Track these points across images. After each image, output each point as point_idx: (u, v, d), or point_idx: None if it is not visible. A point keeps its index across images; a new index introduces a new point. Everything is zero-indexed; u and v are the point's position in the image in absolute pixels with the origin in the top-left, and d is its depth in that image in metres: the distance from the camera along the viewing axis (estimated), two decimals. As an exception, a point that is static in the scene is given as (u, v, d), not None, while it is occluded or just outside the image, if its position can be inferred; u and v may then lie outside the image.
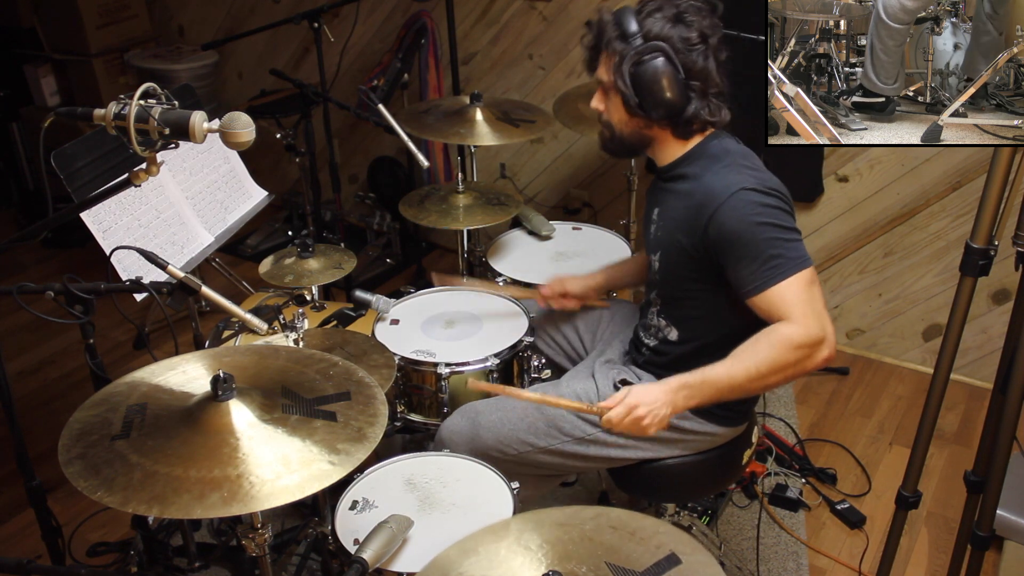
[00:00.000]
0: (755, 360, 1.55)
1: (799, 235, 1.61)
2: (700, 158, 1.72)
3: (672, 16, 1.64)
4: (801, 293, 1.55)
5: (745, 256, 1.58)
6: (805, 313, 1.54)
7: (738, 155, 1.70)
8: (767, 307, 1.58)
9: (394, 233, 3.81)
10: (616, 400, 1.60)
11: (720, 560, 2.17)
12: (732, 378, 1.57)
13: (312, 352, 1.58)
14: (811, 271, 1.58)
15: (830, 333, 1.55)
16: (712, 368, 1.58)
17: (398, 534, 1.54)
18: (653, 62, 1.63)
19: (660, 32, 1.63)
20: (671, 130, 1.73)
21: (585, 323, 2.17)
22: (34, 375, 3.22)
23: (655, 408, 1.58)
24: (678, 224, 1.72)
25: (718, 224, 1.61)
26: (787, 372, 1.55)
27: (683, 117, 1.68)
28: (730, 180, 1.62)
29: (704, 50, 1.65)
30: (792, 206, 1.65)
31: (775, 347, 1.54)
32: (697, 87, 1.66)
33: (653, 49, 1.63)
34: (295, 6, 3.91)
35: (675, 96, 1.65)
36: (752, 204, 1.59)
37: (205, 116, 1.29)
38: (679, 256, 1.73)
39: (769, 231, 1.57)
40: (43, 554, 1.95)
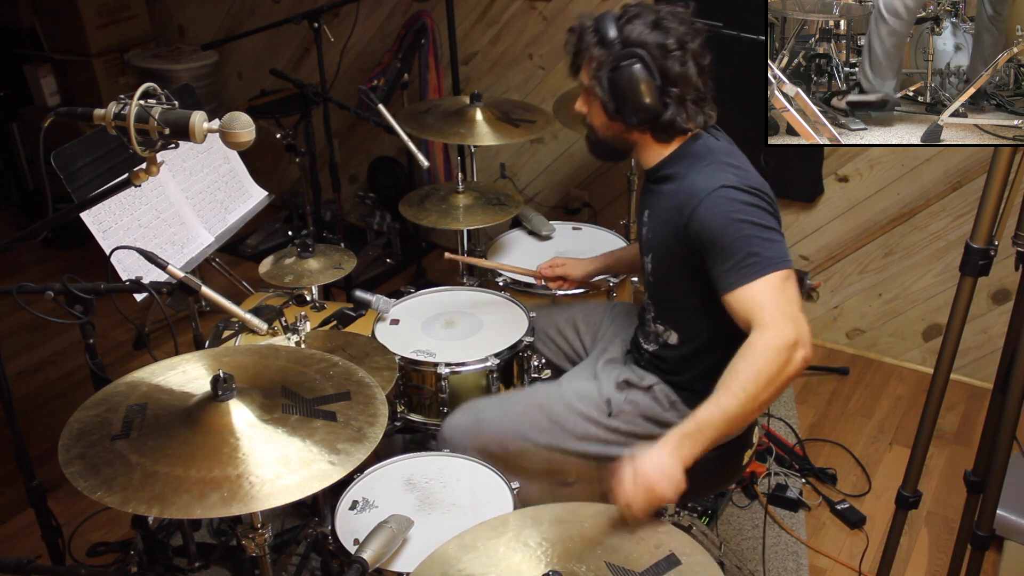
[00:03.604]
0: (740, 382, 1.48)
1: (779, 235, 1.59)
2: (684, 158, 1.73)
3: (651, 22, 1.65)
4: (774, 294, 1.52)
5: (721, 253, 1.57)
6: (775, 315, 1.50)
7: (721, 153, 1.71)
8: (739, 306, 1.55)
9: (394, 233, 3.82)
10: (630, 489, 1.43)
11: (720, 560, 2.17)
12: (726, 410, 1.48)
13: (312, 352, 1.58)
14: (787, 272, 1.54)
15: (804, 333, 1.50)
16: (703, 409, 1.50)
17: (398, 534, 1.54)
18: (630, 68, 1.64)
19: (638, 38, 1.64)
20: (651, 135, 1.74)
21: (585, 324, 2.17)
22: (34, 375, 3.22)
23: (668, 473, 1.45)
24: (665, 224, 1.73)
25: (698, 221, 1.61)
26: (775, 383, 1.49)
27: (660, 123, 1.69)
28: (712, 178, 1.62)
29: (682, 56, 1.65)
30: (775, 206, 1.64)
31: (754, 361, 1.48)
32: (674, 93, 1.66)
33: (630, 55, 1.64)
34: (295, 6, 3.91)
35: (652, 102, 1.66)
36: (731, 201, 1.58)
37: (205, 116, 1.29)
38: (669, 257, 1.74)
39: (747, 228, 1.56)
40: (43, 554, 1.95)
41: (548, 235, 2.68)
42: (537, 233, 2.68)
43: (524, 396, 1.96)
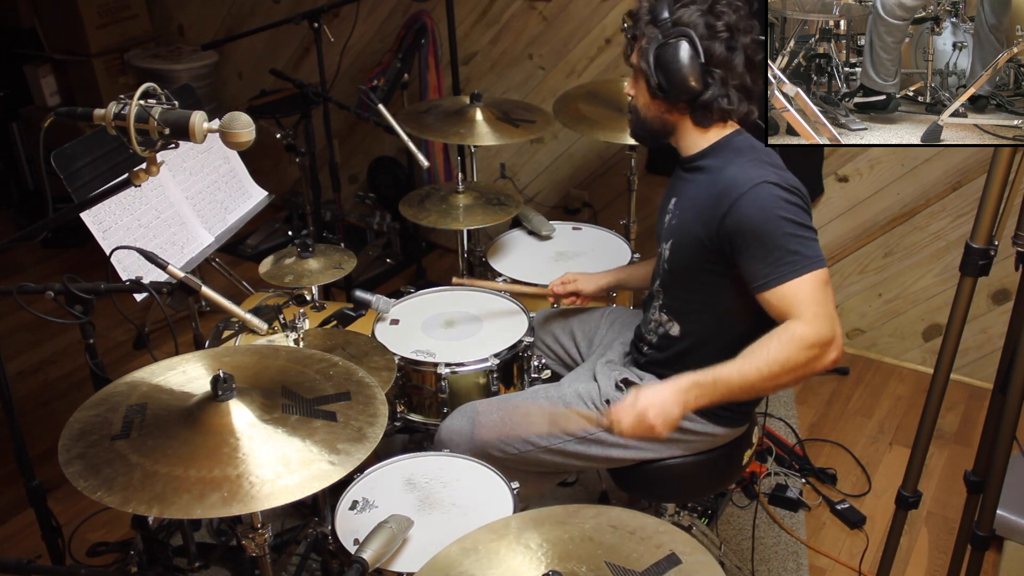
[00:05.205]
0: (767, 359, 1.54)
1: (816, 236, 1.61)
2: (724, 151, 1.73)
3: (706, 8, 1.67)
4: (815, 292, 1.55)
5: (762, 249, 1.58)
6: (816, 313, 1.54)
7: (762, 152, 1.71)
8: (779, 303, 1.57)
9: (394, 233, 3.82)
10: (626, 407, 1.58)
11: (720, 560, 2.17)
12: (744, 377, 1.55)
13: (312, 352, 1.58)
14: (825, 272, 1.57)
15: (839, 335, 1.54)
16: (724, 367, 1.57)
17: (398, 534, 1.54)
18: (676, 44, 1.65)
19: (688, 19, 1.66)
20: (690, 116, 1.74)
21: (582, 331, 2.17)
22: (34, 375, 3.22)
23: (666, 409, 1.56)
24: (696, 213, 1.72)
25: (738, 214, 1.61)
26: (798, 372, 1.54)
27: (700, 101, 1.69)
28: (753, 173, 1.63)
29: (729, 39, 1.66)
30: (810, 207, 1.66)
31: (787, 346, 1.53)
32: (717, 75, 1.67)
33: (678, 34, 1.66)
34: (295, 6, 3.91)
35: (694, 78, 1.66)
36: (774, 198, 1.59)
37: (205, 116, 1.29)
38: (692, 245, 1.73)
39: (789, 227, 1.57)
40: (43, 554, 1.95)
41: (548, 235, 2.68)
42: (537, 233, 2.68)
43: (523, 399, 1.96)
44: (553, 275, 2.25)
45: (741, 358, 1.56)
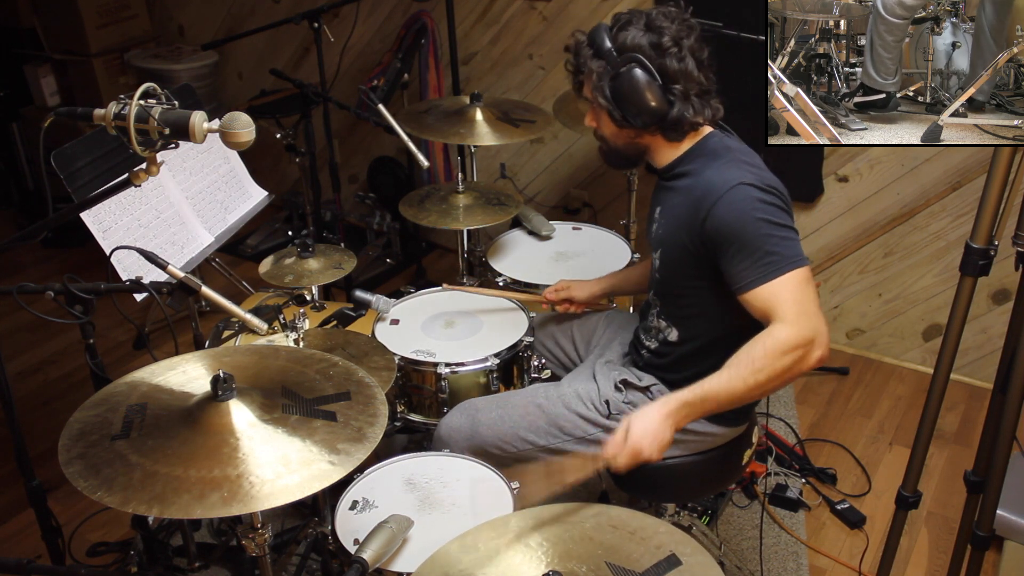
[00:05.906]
0: (752, 368, 1.53)
1: (796, 234, 1.61)
2: (700, 155, 1.73)
3: (643, 26, 1.66)
4: (795, 292, 1.54)
5: (740, 251, 1.58)
6: (797, 313, 1.53)
7: (739, 152, 1.71)
8: (759, 304, 1.57)
9: (394, 233, 3.81)
10: (618, 442, 1.57)
11: (720, 560, 2.17)
12: (731, 389, 1.55)
13: (312, 352, 1.58)
14: (806, 270, 1.57)
15: (823, 333, 1.53)
16: (711, 381, 1.56)
17: (398, 534, 1.54)
18: (629, 73, 1.65)
19: (633, 43, 1.65)
20: (661, 135, 1.74)
21: (581, 333, 2.17)
22: (34, 375, 3.22)
23: (658, 437, 1.56)
24: (679, 220, 1.72)
25: (716, 218, 1.61)
26: (784, 376, 1.54)
27: (668, 121, 1.69)
28: (729, 175, 1.62)
29: (679, 52, 1.65)
30: (790, 205, 1.65)
31: (770, 352, 1.52)
32: (677, 90, 1.67)
33: (627, 61, 1.65)
34: (295, 6, 3.91)
35: (656, 102, 1.66)
36: (750, 199, 1.59)
37: (205, 116, 1.29)
38: (679, 253, 1.73)
39: (765, 227, 1.57)
40: (43, 554, 1.95)
41: (548, 235, 2.68)
42: (537, 233, 2.68)
43: (523, 397, 1.95)
44: (553, 275, 2.26)
45: (727, 368, 1.56)
